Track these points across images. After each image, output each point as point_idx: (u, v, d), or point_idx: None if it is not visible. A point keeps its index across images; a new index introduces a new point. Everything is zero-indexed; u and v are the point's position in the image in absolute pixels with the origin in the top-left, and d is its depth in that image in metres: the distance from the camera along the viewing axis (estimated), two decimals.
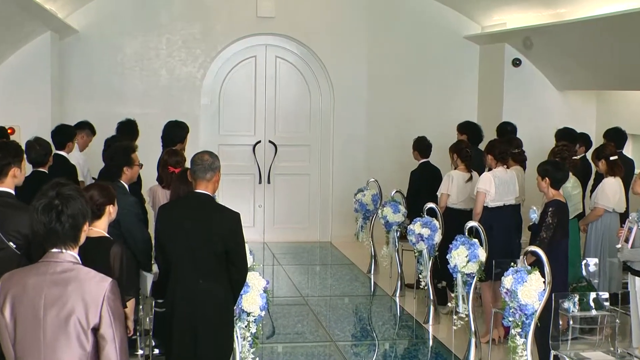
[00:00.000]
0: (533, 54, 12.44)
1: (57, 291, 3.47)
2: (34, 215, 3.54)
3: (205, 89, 13.17)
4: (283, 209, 13.57)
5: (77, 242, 3.60)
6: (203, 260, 5.48)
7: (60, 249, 3.56)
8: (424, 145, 10.38)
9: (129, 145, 7.30)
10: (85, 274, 3.52)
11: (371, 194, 11.22)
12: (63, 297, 3.46)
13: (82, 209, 3.58)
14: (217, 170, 5.63)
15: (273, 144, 13.45)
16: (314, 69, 13.43)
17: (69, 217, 3.53)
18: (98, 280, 3.50)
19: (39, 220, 3.53)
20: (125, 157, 6.95)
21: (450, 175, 9.25)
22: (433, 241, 8.84)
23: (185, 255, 5.50)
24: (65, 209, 3.53)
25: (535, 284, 6.34)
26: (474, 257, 7.68)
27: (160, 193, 7.68)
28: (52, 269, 3.52)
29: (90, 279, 3.50)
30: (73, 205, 3.55)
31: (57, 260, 3.54)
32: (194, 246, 5.47)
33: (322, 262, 12.76)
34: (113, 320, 3.47)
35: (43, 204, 3.54)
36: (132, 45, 12.77)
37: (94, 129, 10.10)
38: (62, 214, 3.52)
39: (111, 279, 3.54)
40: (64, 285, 3.48)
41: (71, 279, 3.49)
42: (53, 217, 3.52)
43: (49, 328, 3.46)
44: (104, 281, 3.51)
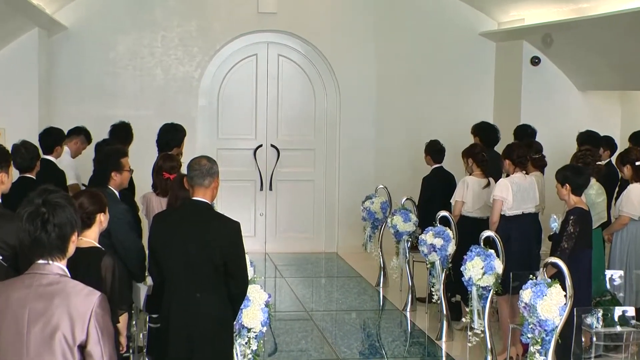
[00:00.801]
0: (553, 52, 12.43)
1: (42, 305, 3.46)
2: (19, 224, 3.54)
3: (203, 90, 13.18)
4: (286, 218, 13.57)
5: (65, 253, 3.59)
6: (200, 272, 5.47)
7: (46, 260, 3.55)
8: (436, 149, 10.37)
9: (118, 149, 7.30)
10: (72, 287, 3.51)
11: (380, 202, 11.21)
12: (48, 311, 3.45)
13: (70, 217, 3.58)
14: (215, 176, 5.63)
15: (275, 148, 13.45)
16: (319, 68, 13.44)
17: (55, 226, 3.53)
18: (85, 294, 3.49)
19: (24, 228, 3.53)
20: (114, 162, 6.95)
21: (465, 181, 9.23)
22: (446, 252, 8.83)
23: (181, 267, 5.49)
24: (51, 218, 3.52)
25: (555, 298, 6.32)
26: (490, 269, 7.66)
27: (155, 201, 7.68)
28: (37, 282, 3.51)
29: (77, 293, 3.49)
30: (60, 214, 3.55)
31: (42, 272, 3.54)
32: (190, 257, 5.46)
33: (328, 274, 12.74)
34: (101, 336, 3.46)
35: (28, 211, 3.53)
36: (125, 42, 12.79)
37: (89, 136, 10.11)
38: (48, 223, 3.52)
39: (100, 293, 3.52)
40: (50, 299, 3.47)
41: (57, 293, 3.48)
42: (38, 225, 3.51)
43: (33, 344, 3.45)
44: (92, 295, 3.49)
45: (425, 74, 13.38)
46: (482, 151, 9.35)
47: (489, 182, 9.19)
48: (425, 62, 13.38)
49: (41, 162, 8.12)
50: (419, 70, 13.36)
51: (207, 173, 5.58)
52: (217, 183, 5.66)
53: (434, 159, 10.37)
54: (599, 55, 11.46)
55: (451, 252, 8.83)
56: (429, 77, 13.39)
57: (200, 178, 5.57)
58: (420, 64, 13.37)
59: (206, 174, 5.58)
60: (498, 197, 8.39)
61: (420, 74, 13.37)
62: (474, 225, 8.96)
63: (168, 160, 7.84)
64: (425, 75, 13.38)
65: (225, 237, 5.48)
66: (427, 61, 13.39)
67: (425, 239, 8.90)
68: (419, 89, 13.38)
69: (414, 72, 13.36)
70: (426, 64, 13.38)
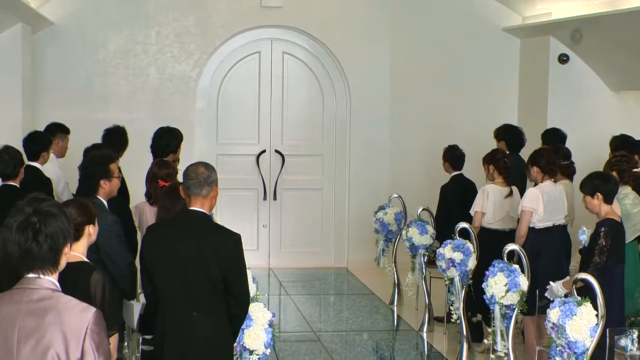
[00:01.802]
0: (583, 49, 12.42)
1: (33, 322, 3.48)
2: (8, 235, 3.55)
3: (201, 91, 13.21)
4: (291, 230, 13.58)
5: (57, 266, 3.61)
6: (197, 289, 5.47)
7: (37, 274, 3.57)
8: (456, 155, 10.38)
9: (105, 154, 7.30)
10: (65, 303, 3.53)
11: (394, 213, 11.22)
12: (40, 329, 3.47)
13: (63, 228, 3.59)
14: (214, 184, 5.64)
15: (280, 154, 13.47)
16: (328, 66, 13.46)
17: (48, 237, 3.55)
18: (80, 310, 3.51)
19: (13, 240, 3.54)
20: (103, 169, 6.95)
21: (485, 190, 9.24)
22: (466, 267, 8.82)
23: (177, 284, 5.49)
24: (43, 228, 3.54)
25: (586, 318, 6.31)
26: (514, 286, 7.65)
27: (148, 211, 7.70)
28: (27, 297, 3.53)
29: (71, 309, 3.51)
30: (53, 224, 3.56)
31: (33, 286, 3.55)
32: (186, 273, 5.46)
33: (337, 291, 12.74)
34: (97, 355, 3.48)
35: (18, 221, 3.55)
36: (116, 39, 12.82)
37: (66, 128, 10.09)
38: (40, 233, 3.53)
39: (95, 309, 3.54)
40: (41, 315, 3.48)
41: (49, 309, 3.50)
42: (29, 236, 3.53)
43: None
44: (86, 311, 3.51)
45: (444, 73, 13.38)
46: (505, 157, 9.35)
47: (511, 190, 9.18)
48: (444, 60, 13.39)
49: (26, 169, 8.14)
50: (436, 69, 13.37)
51: (205, 182, 5.58)
52: (215, 192, 5.66)
53: (453, 165, 10.37)
54: (632, 52, 11.45)
55: (472, 268, 8.82)
56: (448, 77, 13.40)
57: (197, 187, 5.57)
58: (438, 62, 13.38)
59: (204, 182, 5.58)
60: (528, 208, 8.38)
61: (438, 73, 13.37)
62: (495, 238, 8.97)
63: (163, 167, 7.85)
64: (444, 75, 13.39)
65: (225, 250, 5.48)
66: (445, 59, 13.39)
67: (444, 253, 8.89)
68: (437, 90, 13.38)
69: (432, 71, 13.36)
70: (445, 62, 13.39)
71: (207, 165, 5.72)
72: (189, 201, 5.63)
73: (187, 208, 5.65)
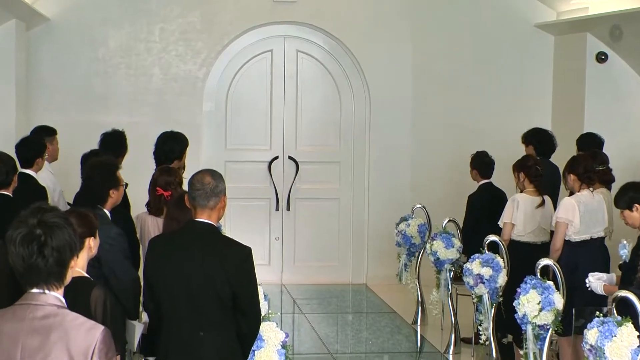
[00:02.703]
0: (622, 47, 12.39)
1: (37, 341, 3.51)
2: (12, 248, 3.58)
3: (208, 92, 13.23)
4: (306, 243, 13.58)
5: (63, 280, 3.65)
6: (204, 307, 5.48)
7: (41, 289, 3.60)
8: (484, 162, 10.37)
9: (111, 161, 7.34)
10: (72, 321, 3.55)
11: (417, 224, 11.20)
12: (45, 348, 3.50)
13: (69, 240, 3.62)
14: (222, 194, 5.63)
15: (294, 160, 13.48)
16: (345, 66, 13.47)
17: (54, 251, 3.57)
18: (87, 329, 3.54)
19: (17, 253, 3.56)
20: (111, 177, 7.00)
21: (515, 200, 9.22)
22: (496, 284, 8.80)
23: (182, 301, 5.50)
24: (49, 241, 3.56)
25: (627, 339, 6.28)
26: (548, 305, 7.63)
27: (150, 222, 7.71)
28: (31, 314, 3.55)
29: (77, 327, 3.53)
30: (59, 236, 3.59)
31: (37, 302, 3.58)
32: (193, 290, 5.47)
33: (356, 309, 12.73)
34: None
35: (22, 233, 3.57)
36: (117, 36, 12.85)
37: (52, 130, 10.11)
38: (46, 247, 3.56)
39: (103, 327, 3.58)
40: (46, 333, 3.51)
41: (54, 327, 3.52)
42: (34, 250, 3.55)
43: None
44: (94, 330, 3.54)
45: (471, 74, 13.37)
46: (536, 163, 9.34)
47: (543, 200, 9.17)
48: (471, 59, 13.38)
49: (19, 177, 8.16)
50: (463, 69, 13.36)
51: (212, 192, 5.58)
52: (223, 203, 5.66)
53: (482, 173, 10.36)
54: None
55: (502, 284, 8.80)
56: (476, 77, 13.38)
57: (203, 199, 5.57)
58: (465, 62, 13.36)
59: (210, 193, 5.57)
60: (563, 219, 8.37)
61: (465, 73, 13.36)
62: (526, 252, 8.95)
63: (164, 174, 7.86)
64: (471, 75, 13.37)
65: (234, 265, 5.48)
66: (473, 58, 13.38)
67: (471, 269, 8.88)
68: (464, 91, 13.36)
69: (458, 71, 13.35)
70: (472, 61, 13.37)
71: (214, 173, 5.71)
72: (195, 212, 5.62)
73: (193, 219, 5.65)
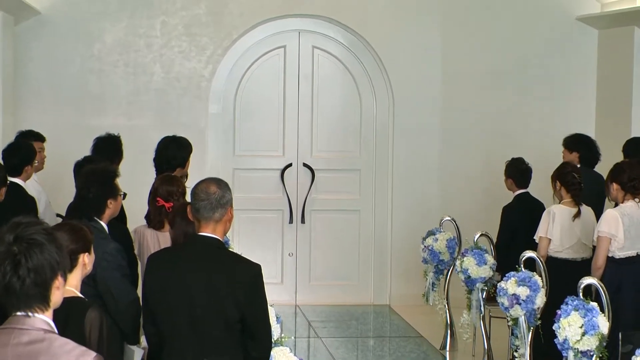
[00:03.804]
0: None
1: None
2: None
3: (214, 93, 13.25)
4: (323, 259, 13.58)
5: (47, 302, 3.64)
6: (209, 331, 5.49)
7: (26, 312, 3.60)
8: (520, 170, 10.37)
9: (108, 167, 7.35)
10: (60, 347, 3.56)
11: (446, 239, 11.18)
12: None
13: (49, 259, 3.61)
14: (228, 205, 5.65)
15: (309, 168, 13.50)
16: (367, 64, 13.47)
17: (30, 271, 3.57)
18: (77, 355, 3.55)
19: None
20: (110, 186, 7.02)
21: (551, 212, 9.22)
22: (534, 305, 8.78)
23: (185, 324, 5.52)
24: (24, 260, 3.56)
25: None
26: (592, 328, 7.62)
27: (150, 237, 7.73)
28: (16, 339, 3.57)
29: (66, 353, 3.55)
30: (37, 255, 3.58)
31: (22, 326, 3.59)
32: (197, 311, 5.49)
33: (378, 333, 12.73)
34: None
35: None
36: (114, 31, 12.88)
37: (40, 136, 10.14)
38: (20, 266, 3.56)
39: (95, 354, 3.58)
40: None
41: (41, 353, 3.54)
42: (7, 270, 3.56)
43: None
44: (85, 356, 3.56)
45: (506, 72, 13.35)
46: (574, 170, 9.33)
47: (579, 210, 9.15)
48: (507, 56, 13.35)
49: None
50: (497, 67, 13.34)
51: (218, 203, 5.60)
52: (230, 215, 5.68)
53: (518, 182, 10.36)
54: None
55: (540, 306, 8.78)
56: (511, 77, 13.36)
57: (208, 210, 5.59)
58: (499, 60, 13.34)
59: (216, 204, 5.59)
60: (605, 233, 8.35)
61: (500, 72, 13.34)
62: (565, 270, 8.95)
63: (166, 183, 7.88)
64: (506, 74, 13.35)
65: (242, 284, 5.50)
66: (508, 56, 13.35)
67: (506, 288, 8.86)
68: (497, 92, 13.34)
69: (491, 69, 13.33)
70: (507, 59, 13.35)
71: (219, 182, 5.73)
72: (199, 225, 5.64)
73: (197, 234, 5.67)
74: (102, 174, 7.13)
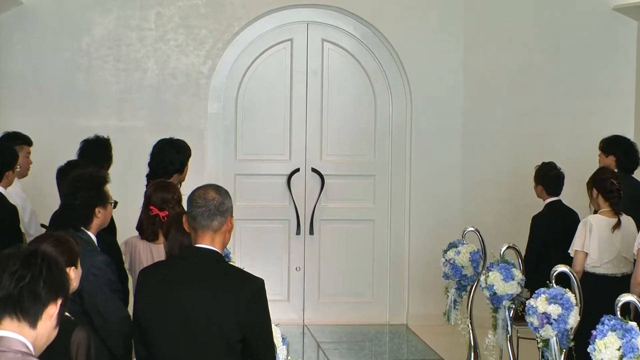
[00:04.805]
0: None
1: None
2: None
3: (214, 91, 13.25)
4: (333, 274, 13.58)
5: (36, 320, 3.71)
6: (207, 352, 5.50)
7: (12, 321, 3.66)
8: (551, 176, 10.37)
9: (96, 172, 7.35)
10: None
11: (469, 252, 11.17)
12: None
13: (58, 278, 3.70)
14: (228, 214, 5.67)
15: (318, 173, 13.50)
16: (382, 59, 13.47)
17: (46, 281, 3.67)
18: None
19: None
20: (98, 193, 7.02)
21: (588, 223, 9.21)
22: (566, 325, 8.76)
23: (181, 345, 5.52)
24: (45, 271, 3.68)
25: None
26: (630, 350, 7.60)
27: (142, 249, 7.74)
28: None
29: None
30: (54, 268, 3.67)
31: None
32: (193, 332, 5.49)
33: (394, 355, 12.73)
34: None
35: None
36: (104, 23, 12.89)
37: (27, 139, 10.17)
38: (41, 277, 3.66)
39: None
40: None
41: None
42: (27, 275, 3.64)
43: None
44: None
45: (536, 68, 13.33)
46: (612, 176, 9.32)
47: (619, 220, 9.13)
48: (536, 51, 13.34)
49: None
50: (525, 63, 13.32)
51: (217, 211, 5.61)
52: (230, 225, 5.70)
53: (549, 189, 10.35)
54: None
55: (573, 325, 8.77)
56: (542, 73, 13.34)
57: (205, 218, 5.60)
58: (527, 55, 13.33)
59: (215, 212, 5.60)
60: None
61: (529, 68, 13.32)
62: (603, 286, 8.94)
63: (160, 190, 7.88)
64: (536, 70, 13.34)
65: (244, 301, 5.49)
66: (538, 50, 13.34)
67: (536, 306, 8.84)
68: (526, 90, 13.33)
69: (519, 65, 13.32)
70: (537, 53, 13.34)
71: (218, 188, 5.75)
72: (196, 236, 5.65)
73: (193, 245, 5.68)
74: (91, 180, 7.13)
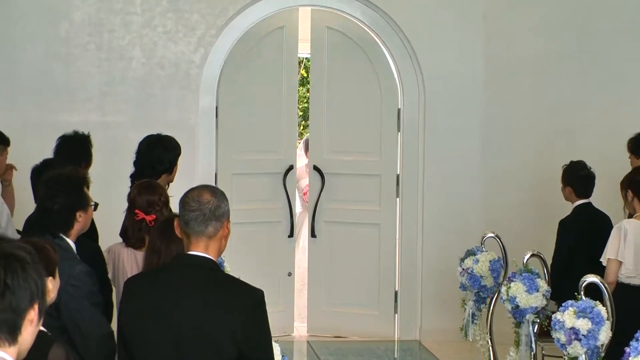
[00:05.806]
0: None
1: None
2: None
3: (206, 82, 13.24)
4: (336, 282, 13.60)
5: (15, 335, 3.71)
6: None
7: None
8: (581, 176, 10.39)
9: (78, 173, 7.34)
10: None
11: (489, 260, 11.15)
12: None
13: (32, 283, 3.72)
14: (224, 218, 5.67)
15: (319, 171, 13.49)
16: (392, 47, 13.46)
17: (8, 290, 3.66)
18: None
19: None
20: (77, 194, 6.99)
21: (622, 228, 9.23)
22: (597, 341, 8.74)
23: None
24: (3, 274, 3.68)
25: None
26: None
27: (127, 257, 7.75)
28: None
29: None
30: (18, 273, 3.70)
31: None
32: (184, 348, 5.49)
33: None
34: None
35: None
36: (84, 7, 12.89)
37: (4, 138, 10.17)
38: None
39: None
40: None
41: None
42: None
43: None
44: None
45: (564, 58, 13.32)
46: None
47: None
48: (564, 38, 13.33)
49: None
50: (553, 51, 13.31)
51: (212, 215, 5.60)
52: (226, 230, 5.70)
53: (578, 191, 10.36)
54: None
55: (605, 342, 8.74)
56: (570, 63, 13.33)
57: (200, 223, 5.59)
58: (555, 42, 13.31)
59: (210, 216, 5.60)
60: None
61: (556, 57, 13.31)
62: (638, 299, 8.91)
63: (145, 191, 7.89)
64: (564, 60, 13.32)
65: (241, 314, 5.49)
66: (566, 37, 13.33)
67: (563, 321, 8.82)
68: (552, 82, 13.32)
69: (546, 54, 13.31)
70: (565, 41, 13.32)
71: (214, 190, 5.76)
72: (188, 242, 5.66)
73: (185, 252, 5.67)
74: (69, 181, 7.13)
